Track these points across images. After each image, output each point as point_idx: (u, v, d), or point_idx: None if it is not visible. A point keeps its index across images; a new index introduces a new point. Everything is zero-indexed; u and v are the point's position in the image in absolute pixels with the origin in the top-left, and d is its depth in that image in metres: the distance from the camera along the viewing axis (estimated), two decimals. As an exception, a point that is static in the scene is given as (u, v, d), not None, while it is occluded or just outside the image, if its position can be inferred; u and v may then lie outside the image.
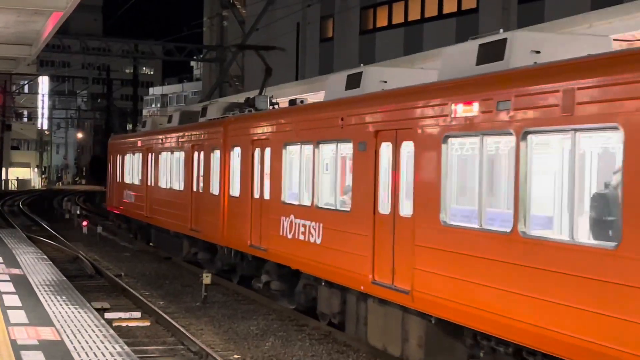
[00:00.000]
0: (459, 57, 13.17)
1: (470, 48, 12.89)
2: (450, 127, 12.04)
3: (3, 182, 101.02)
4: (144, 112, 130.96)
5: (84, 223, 40.70)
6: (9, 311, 15.08)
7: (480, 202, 11.38)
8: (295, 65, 48.10)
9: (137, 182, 33.80)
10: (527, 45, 11.90)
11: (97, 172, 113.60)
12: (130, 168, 35.49)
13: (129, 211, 35.35)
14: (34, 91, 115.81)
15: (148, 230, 32.87)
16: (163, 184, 29.60)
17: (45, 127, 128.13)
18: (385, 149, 14.24)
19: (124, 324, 17.88)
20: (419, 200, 12.78)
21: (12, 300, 16.36)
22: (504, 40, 12.12)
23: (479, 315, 11.17)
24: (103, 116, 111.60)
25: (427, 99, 12.80)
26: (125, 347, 12.73)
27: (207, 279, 21.34)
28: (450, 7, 40.51)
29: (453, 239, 11.82)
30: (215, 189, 23.57)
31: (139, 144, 33.60)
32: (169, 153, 28.77)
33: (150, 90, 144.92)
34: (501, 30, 12.66)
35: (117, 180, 38.09)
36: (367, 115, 14.87)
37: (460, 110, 11.82)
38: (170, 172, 28.59)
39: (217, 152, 23.35)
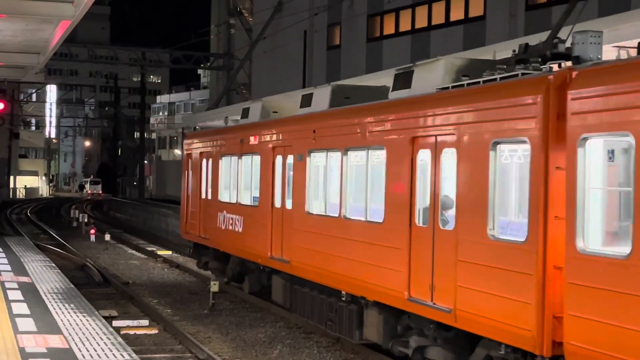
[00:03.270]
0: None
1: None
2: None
3: (11, 190, 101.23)
4: (152, 120, 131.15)
5: (92, 231, 40.78)
6: (17, 319, 15.09)
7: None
8: (302, 73, 48.13)
9: (247, 201, 21.50)
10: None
11: (106, 181, 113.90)
12: (231, 178, 22.87)
13: (227, 245, 23.02)
14: (41, 99, 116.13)
15: (267, 277, 20.86)
16: (319, 208, 17.25)
17: (53, 135, 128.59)
18: None
19: (131, 332, 17.89)
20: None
21: (21, 308, 16.37)
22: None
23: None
24: (110, 124, 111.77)
25: None
26: (134, 354, 12.74)
27: (214, 286, 21.33)
28: (457, 14, 40.51)
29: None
30: (509, 229, 11.70)
31: (253, 141, 21.15)
32: (334, 155, 16.61)
33: (158, 98, 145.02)
34: None
35: (203, 197, 25.14)
36: None
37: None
38: (339, 190, 16.18)
39: (515, 152, 11.72)
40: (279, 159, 19.49)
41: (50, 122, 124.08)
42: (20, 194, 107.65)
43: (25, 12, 21.37)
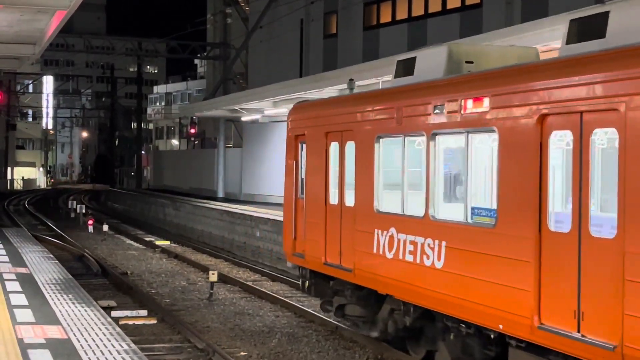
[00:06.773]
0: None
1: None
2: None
3: (9, 181, 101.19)
4: (149, 110, 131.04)
5: (90, 222, 40.75)
6: (15, 310, 15.07)
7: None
8: (299, 61, 48.05)
9: (455, 215, 12.25)
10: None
11: (103, 171, 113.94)
12: (407, 175, 13.73)
13: (396, 284, 13.81)
14: (38, 90, 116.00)
15: (483, 345, 12.16)
16: None
17: (50, 126, 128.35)
18: None
19: (130, 322, 17.88)
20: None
21: (19, 299, 16.35)
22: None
23: None
24: (107, 115, 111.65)
25: None
26: (132, 345, 12.72)
27: (213, 276, 21.35)
28: (454, 2, 40.44)
29: None
30: None
31: (472, 107, 11.72)
32: None
33: (155, 88, 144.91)
34: None
35: (333, 202, 16.20)
36: None
37: None
38: None
39: None
40: (557, 138, 10.24)
41: (47, 113, 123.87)
42: (18, 185, 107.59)
43: (21, 3, 21.27)
